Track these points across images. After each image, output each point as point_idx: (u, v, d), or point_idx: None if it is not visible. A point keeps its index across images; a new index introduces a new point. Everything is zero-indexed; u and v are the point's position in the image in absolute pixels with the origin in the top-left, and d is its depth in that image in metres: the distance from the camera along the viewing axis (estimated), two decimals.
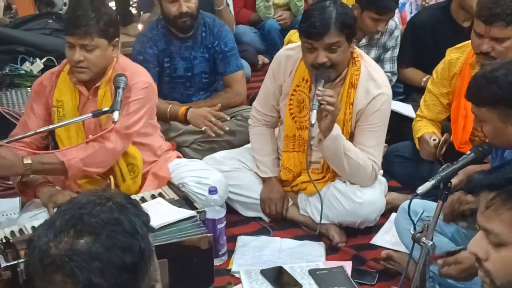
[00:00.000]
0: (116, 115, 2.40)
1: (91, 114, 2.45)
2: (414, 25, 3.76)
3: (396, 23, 3.74)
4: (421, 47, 3.67)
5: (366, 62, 2.79)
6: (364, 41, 3.69)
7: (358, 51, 2.81)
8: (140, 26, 5.35)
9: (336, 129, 2.65)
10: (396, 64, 3.79)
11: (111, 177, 2.21)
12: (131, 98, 2.59)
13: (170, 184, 2.67)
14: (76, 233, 1.03)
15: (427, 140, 2.75)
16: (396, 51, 3.77)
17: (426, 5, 4.15)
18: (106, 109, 2.44)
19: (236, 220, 3.00)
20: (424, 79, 3.55)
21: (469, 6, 3.43)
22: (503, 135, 2.06)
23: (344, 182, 2.84)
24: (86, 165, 2.52)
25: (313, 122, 2.55)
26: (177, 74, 3.52)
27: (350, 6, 3.11)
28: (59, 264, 1.01)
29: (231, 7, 4.70)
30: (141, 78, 2.66)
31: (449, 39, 3.42)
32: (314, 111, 2.55)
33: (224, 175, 2.93)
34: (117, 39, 2.60)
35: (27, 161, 2.43)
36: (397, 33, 3.74)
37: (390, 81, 3.76)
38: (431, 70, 3.07)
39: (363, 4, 3.51)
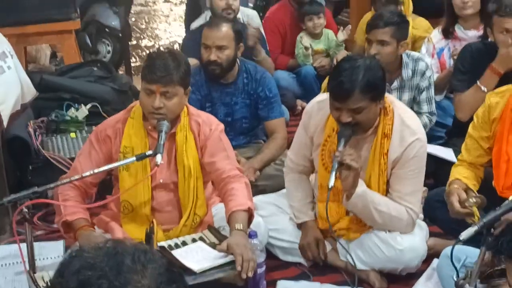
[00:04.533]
0: (159, 158, 2.44)
1: (134, 158, 2.50)
2: (460, 58, 3.67)
3: (426, 63, 3.73)
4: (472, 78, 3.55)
5: (398, 109, 2.76)
6: (395, 84, 3.67)
7: (389, 98, 2.77)
8: None
9: (361, 185, 2.63)
10: (433, 105, 3.76)
11: (154, 220, 2.23)
12: (222, 140, 2.75)
13: (210, 228, 2.68)
14: None
15: (451, 202, 2.59)
16: (431, 91, 3.74)
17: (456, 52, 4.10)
18: (150, 152, 2.48)
19: (276, 265, 2.99)
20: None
21: None
22: None
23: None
24: None
25: (330, 186, 2.53)
26: (217, 119, 3.58)
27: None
28: None
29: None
30: (216, 121, 2.81)
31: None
32: (333, 174, 2.54)
33: (263, 220, 2.92)
34: (189, 88, 2.70)
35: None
36: (429, 73, 3.71)
37: (430, 121, 3.75)
38: None
39: None
